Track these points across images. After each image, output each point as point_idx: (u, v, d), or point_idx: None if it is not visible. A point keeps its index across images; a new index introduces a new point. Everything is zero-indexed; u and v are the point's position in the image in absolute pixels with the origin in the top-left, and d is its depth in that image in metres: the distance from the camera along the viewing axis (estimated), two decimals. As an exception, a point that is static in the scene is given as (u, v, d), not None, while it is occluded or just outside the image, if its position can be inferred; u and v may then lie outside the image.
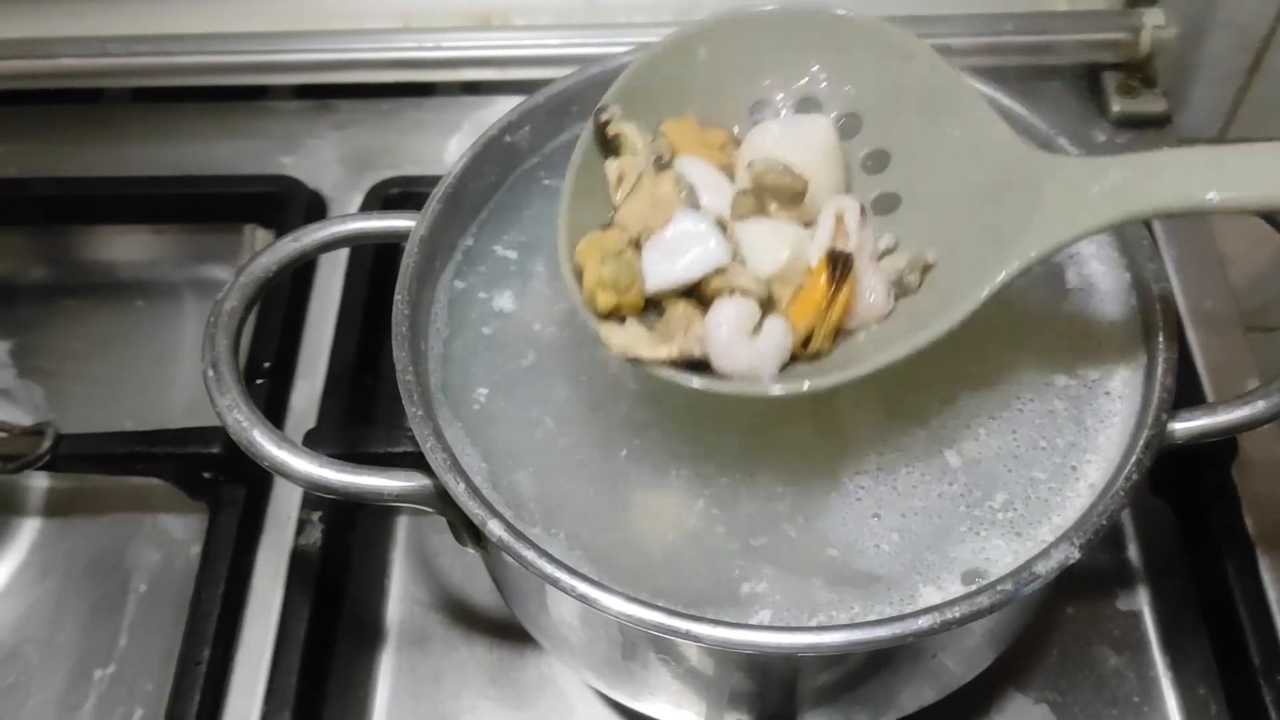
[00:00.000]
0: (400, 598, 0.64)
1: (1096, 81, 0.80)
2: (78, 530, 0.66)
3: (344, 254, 0.73)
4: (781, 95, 0.52)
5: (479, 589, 0.64)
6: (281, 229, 0.72)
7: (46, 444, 0.61)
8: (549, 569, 0.42)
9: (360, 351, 0.69)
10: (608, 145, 0.49)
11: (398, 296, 0.49)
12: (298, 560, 0.62)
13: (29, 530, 0.67)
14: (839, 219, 0.47)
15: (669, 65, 0.50)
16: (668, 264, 0.45)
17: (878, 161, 0.50)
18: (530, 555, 0.43)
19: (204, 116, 0.83)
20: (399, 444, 0.61)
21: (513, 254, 0.55)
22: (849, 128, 0.51)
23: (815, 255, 0.46)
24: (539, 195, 0.57)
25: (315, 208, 0.77)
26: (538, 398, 0.50)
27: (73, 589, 0.64)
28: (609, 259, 0.45)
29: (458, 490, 0.44)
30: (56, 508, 0.67)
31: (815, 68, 0.51)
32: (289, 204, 0.75)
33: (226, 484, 0.63)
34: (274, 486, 0.65)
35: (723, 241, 0.45)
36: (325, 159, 0.80)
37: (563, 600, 0.47)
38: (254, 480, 0.64)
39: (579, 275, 0.46)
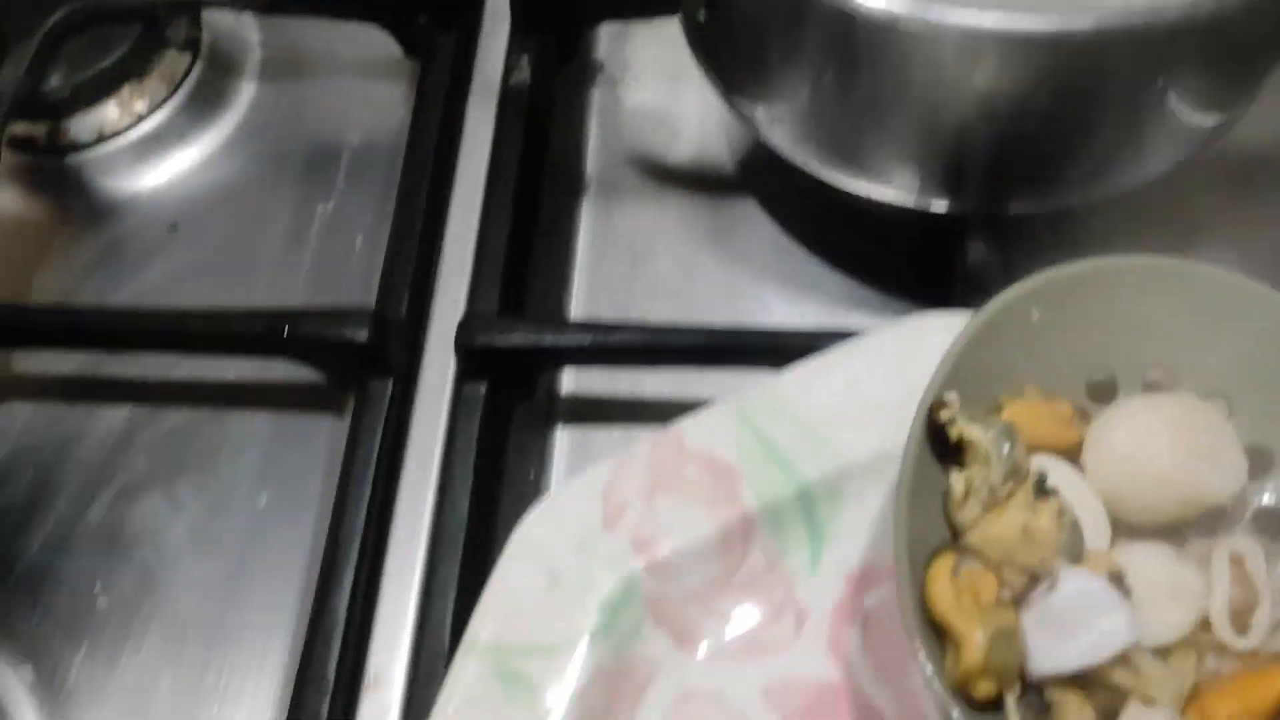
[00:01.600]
0: (598, 150, 0.67)
1: None
2: (294, 91, 0.70)
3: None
4: (1127, 367, 0.44)
5: (671, 146, 0.67)
6: None
7: (272, -20, 0.64)
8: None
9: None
10: (944, 446, 0.40)
11: None
12: (507, 100, 0.64)
13: (247, 91, 0.70)
14: (1238, 562, 0.37)
15: (1000, 334, 0.42)
16: (1059, 643, 0.36)
17: (1255, 462, 0.41)
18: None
19: None
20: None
21: None
22: None
23: (1218, 621, 0.37)
24: None
25: None
26: None
27: (292, 140, 0.68)
28: (999, 637, 0.36)
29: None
30: (272, 72, 0.71)
31: (1179, 336, 0.42)
32: None
33: (439, 33, 0.66)
34: (482, 37, 0.68)
35: (1130, 613, 0.36)
36: None
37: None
38: (463, 30, 0.67)
39: (932, 619, 0.37)
